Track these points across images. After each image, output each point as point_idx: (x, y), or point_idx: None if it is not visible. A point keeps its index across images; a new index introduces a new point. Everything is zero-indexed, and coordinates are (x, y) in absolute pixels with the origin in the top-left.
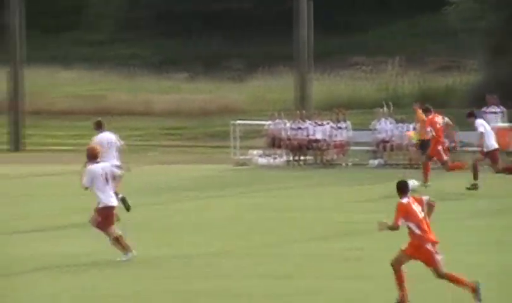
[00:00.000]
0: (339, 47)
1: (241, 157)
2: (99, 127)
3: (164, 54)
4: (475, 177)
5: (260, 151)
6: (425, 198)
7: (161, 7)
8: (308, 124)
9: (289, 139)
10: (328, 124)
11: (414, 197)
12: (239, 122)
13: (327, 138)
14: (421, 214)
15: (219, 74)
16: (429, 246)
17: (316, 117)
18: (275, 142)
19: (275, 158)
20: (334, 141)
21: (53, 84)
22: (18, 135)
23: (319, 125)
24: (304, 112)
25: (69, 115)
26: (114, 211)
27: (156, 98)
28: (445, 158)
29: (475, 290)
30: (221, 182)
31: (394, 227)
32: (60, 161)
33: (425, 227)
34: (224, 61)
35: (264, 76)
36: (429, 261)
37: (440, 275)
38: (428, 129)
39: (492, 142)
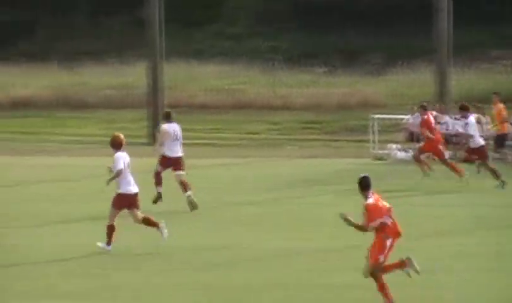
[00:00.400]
0: (479, 40)
1: (380, 151)
2: (167, 117)
3: (302, 48)
4: None
5: (399, 146)
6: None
7: (299, 0)
8: (447, 118)
9: None
10: None
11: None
12: (378, 116)
13: None
14: (388, 204)
15: (358, 68)
16: (390, 241)
17: (456, 111)
18: (413, 137)
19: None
20: None
21: (192, 77)
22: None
23: (458, 119)
24: (443, 106)
25: (208, 109)
26: (133, 199)
27: (294, 92)
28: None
29: (406, 265)
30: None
31: (364, 228)
32: (198, 155)
33: (394, 217)
34: (362, 55)
35: (403, 70)
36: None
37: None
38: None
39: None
